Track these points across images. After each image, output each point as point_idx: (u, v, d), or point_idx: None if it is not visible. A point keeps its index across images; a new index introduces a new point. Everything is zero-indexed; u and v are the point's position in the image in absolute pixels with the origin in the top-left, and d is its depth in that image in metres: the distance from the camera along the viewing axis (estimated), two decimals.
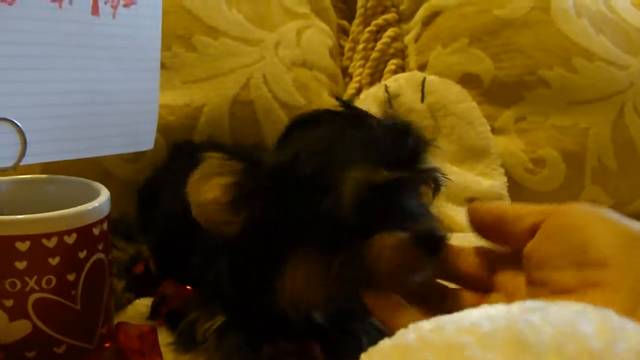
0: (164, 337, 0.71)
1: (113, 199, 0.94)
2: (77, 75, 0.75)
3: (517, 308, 0.37)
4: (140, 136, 0.82)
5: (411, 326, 0.37)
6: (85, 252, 0.63)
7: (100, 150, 0.80)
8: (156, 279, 0.81)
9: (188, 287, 0.73)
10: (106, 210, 0.67)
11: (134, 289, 0.83)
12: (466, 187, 1.03)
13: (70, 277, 0.63)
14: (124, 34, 0.78)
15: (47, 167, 0.86)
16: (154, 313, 0.78)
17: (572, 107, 1.14)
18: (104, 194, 0.67)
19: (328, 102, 1.12)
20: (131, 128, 0.81)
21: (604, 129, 1.15)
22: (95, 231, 0.64)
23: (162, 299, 0.77)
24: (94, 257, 0.65)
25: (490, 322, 0.35)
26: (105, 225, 0.66)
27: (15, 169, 0.83)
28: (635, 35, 1.20)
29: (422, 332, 0.36)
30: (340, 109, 0.61)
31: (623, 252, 0.44)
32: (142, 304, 0.81)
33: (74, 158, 0.77)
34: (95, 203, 0.65)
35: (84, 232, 0.63)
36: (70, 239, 0.62)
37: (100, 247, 0.65)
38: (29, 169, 0.84)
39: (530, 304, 0.37)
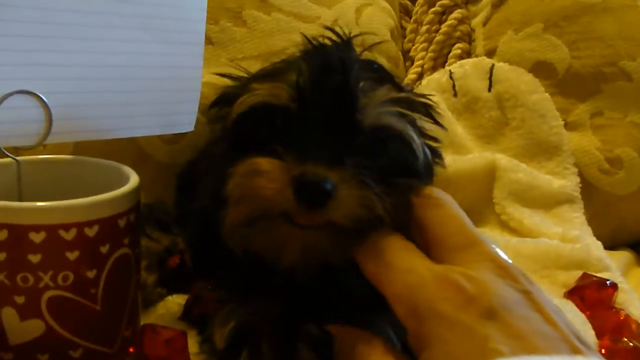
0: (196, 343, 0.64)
1: (149, 183, 0.88)
2: (111, 46, 0.68)
3: None
4: (179, 117, 0.75)
5: None
6: (108, 246, 0.56)
7: (135, 130, 0.74)
8: (192, 274, 0.74)
9: None
10: (134, 200, 0.59)
11: (167, 284, 0.76)
12: (535, 187, 0.95)
13: (90, 274, 0.56)
14: (166, 3, 0.71)
15: (79, 147, 0.81)
16: (187, 314, 0.71)
17: None
18: (133, 181, 0.60)
19: None
20: (170, 107, 0.74)
21: None
22: (121, 223, 0.57)
23: (197, 299, 0.71)
24: (119, 252, 0.58)
25: None
26: (132, 217, 0.59)
27: (44, 147, 0.77)
28: None
29: None
30: None
31: None
32: (175, 302, 0.74)
33: (105, 138, 0.70)
34: (121, 191, 0.58)
35: (107, 224, 0.56)
36: (91, 231, 0.55)
37: (125, 241, 0.58)
38: (61, 148, 0.78)
39: None
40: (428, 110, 0.60)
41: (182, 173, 0.86)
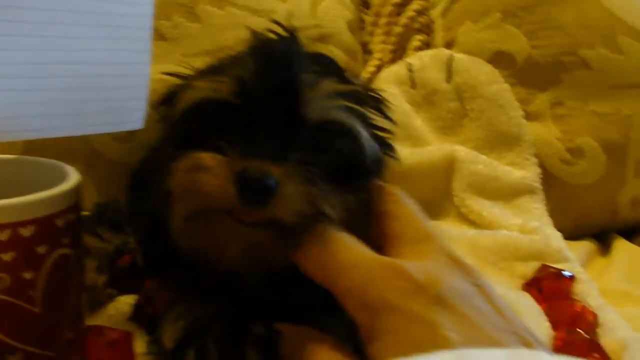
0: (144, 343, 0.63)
1: (103, 182, 0.87)
2: (52, 43, 0.66)
3: None
4: (128, 114, 0.74)
5: None
6: (45, 246, 0.55)
7: (83, 128, 0.71)
8: (143, 274, 0.72)
9: None
10: (73, 199, 0.58)
11: (118, 284, 0.75)
12: (495, 178, 0.94)
13: (27, 276, 0.54)
14: None
15: (29, 146, 0.79)
16: (137, 314, 0.70)
17: (614, 92, 1.05)
18: (71, 180, 0.58)
19: None
20: (118, 105, 0.72)
21: None
22: (59, 222, 0.55)
23: (148, 300, 0.69)
24: (57, 253, 0.56)
25: None
26: (72, 216, 0.57)
27: None
28: None
29: None
30: None
31: None
32: (125, 302, 0.73)
33: (51, 137, 0.68)
34: (57, 190, 0.56)
35: (43, 224, 0.54)
36: (26, 232, 0.53)
37: (65, 241, 0.56)
38: (10, 147, 0.77)
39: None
40: (377, 105, 0.59)
41: (134, 171, 0.85)
